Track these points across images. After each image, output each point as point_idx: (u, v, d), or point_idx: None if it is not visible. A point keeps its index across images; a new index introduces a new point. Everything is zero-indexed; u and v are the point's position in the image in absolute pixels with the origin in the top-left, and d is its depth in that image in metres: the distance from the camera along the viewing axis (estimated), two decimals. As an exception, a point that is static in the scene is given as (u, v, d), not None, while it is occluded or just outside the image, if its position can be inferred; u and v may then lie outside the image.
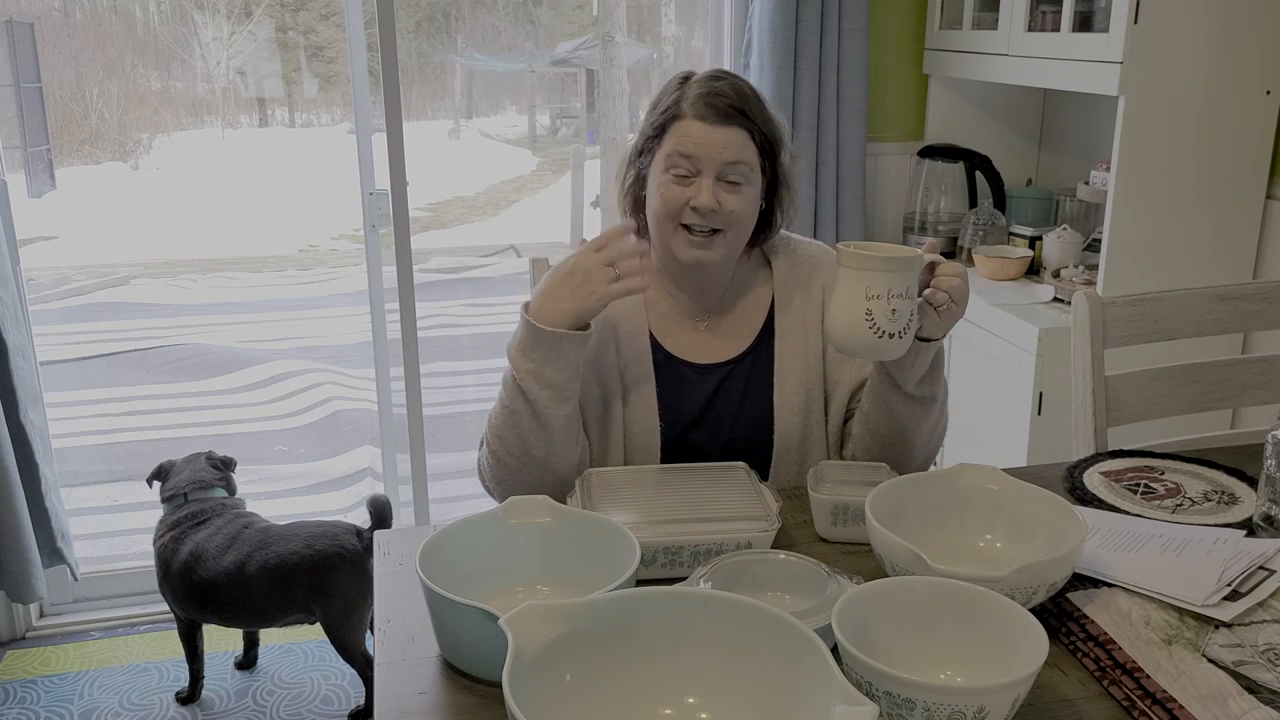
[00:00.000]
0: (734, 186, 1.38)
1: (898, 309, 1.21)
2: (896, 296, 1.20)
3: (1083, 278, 2.35)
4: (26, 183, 8.35)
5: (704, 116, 1.36)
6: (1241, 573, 1.13)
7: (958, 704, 0.84)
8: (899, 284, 1.20)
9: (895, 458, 1.43)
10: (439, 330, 6.08)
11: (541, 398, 1.32)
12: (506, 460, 1.37)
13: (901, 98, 2.87)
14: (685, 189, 1.37)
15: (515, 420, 1.35)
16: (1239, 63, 2.14)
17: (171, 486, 2.29)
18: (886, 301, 1.20)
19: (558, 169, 11.68)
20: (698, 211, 1.36)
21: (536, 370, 1.31)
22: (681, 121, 1.37)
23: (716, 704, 0.89)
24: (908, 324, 1.23)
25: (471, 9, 11.91)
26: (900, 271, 1.21)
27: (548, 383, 1.31)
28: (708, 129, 1.36)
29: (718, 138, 1.36)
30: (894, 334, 1.22)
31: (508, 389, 1.35)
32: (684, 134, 1.36)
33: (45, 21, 9.13)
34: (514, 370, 1.33)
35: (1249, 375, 1.80)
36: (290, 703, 2.37)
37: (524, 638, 0.83)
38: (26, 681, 2.45)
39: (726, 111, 1.37)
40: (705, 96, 1.37)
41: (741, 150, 1.37)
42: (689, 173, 1.37)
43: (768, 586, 1.10)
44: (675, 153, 1.36)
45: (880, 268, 1.20)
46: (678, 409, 1.47)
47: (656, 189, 1.39)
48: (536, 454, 1.36)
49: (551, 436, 1.35)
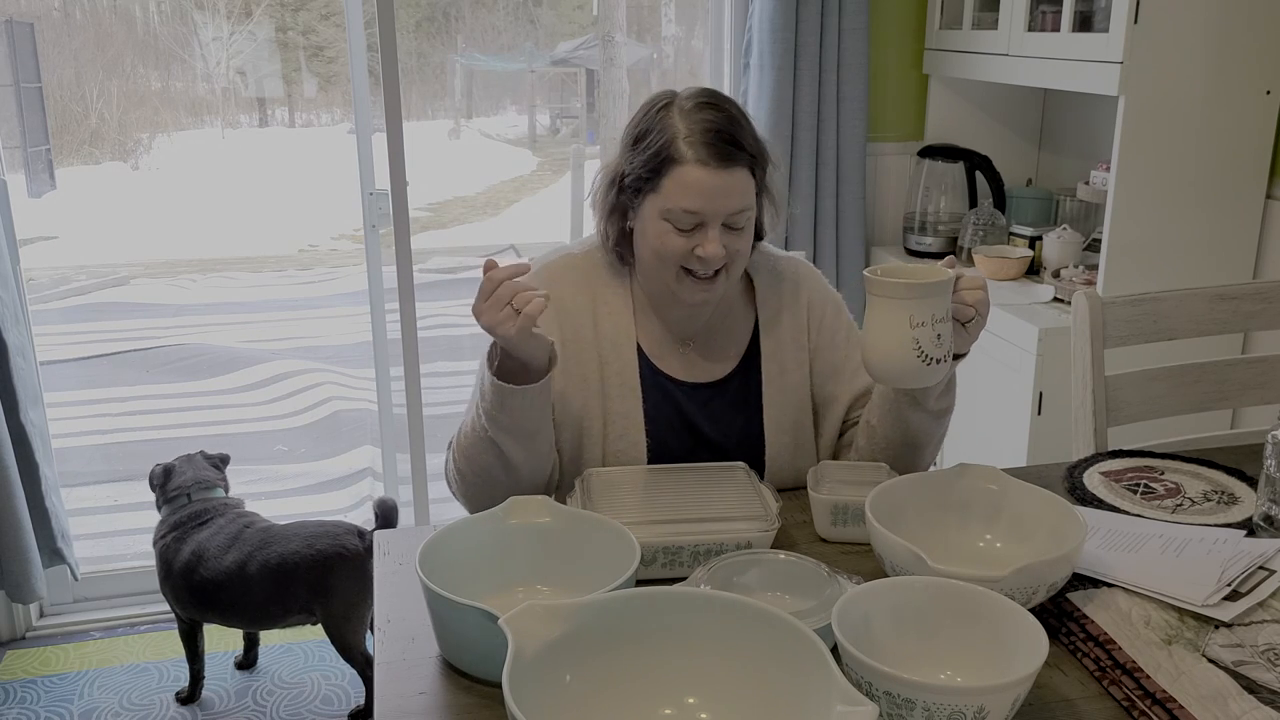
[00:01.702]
0: (737, 230, 1.33)
1: (942, 334, 1.17)
2: (940, 321, 1.17)
3: (1083, 278, 2.35)
4: (26, 183, 8.35)
5: (705, 161, 1.28)
6: (1241, 573, 1.13)
7: (957, 704, 0.84)
8: (940, 308, 1.17)
9: (901, 466, 1.42)
10: (439, 330, 6.07)
11: (502, 440, 1.30)
12: (471, 479, 1.36)
13: (901, 98, 2.87)
14: (688, 239, 1.32)
15: (480, 448, 1.33)
16: (1239, 63, 2.14)
17: (175, 487, 2.29)
18: (931, 328, 1.16)
19: (558, 169, 11.68)
20: (704, 261, 1.32)
21: (496, 416, 1.28)
22: (682, 168, 1.29)
23: (716, 704, 0.89)
24: (951, 346, 1.19)
25: (471, 9, 11.91)
26: (940, 296, 1.17)
27: (504, 428, 1.29)
28: (711, 175, 1.28)
29: (722, 185, 1.29)
30: (940, 359, 1.18)
31: (474, 421, 1.32)
32: (687, 185, 1.29)
33: (45, 21, 9.14)
34: (480, 409, 1.30)
35: (1249, 375, 1.80)
36: (290, 703, 2.37)
37: (524, 638, 0.83)
38: (26, 681, 2.45)
39: (727, 152, 1.29)
40: (704, 136, 1.29)
41: (744, 195, 1.32)
42: (692, 226, 1.31)
43: (768, 586, 1.10)
44: (679, 208, 1.30)
45: (921, 295, 1.15)
46: (664, 424, 1.44)
47: (656, 236, 1.33)
48: (500, 478, 1.34)
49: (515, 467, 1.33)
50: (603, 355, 1.42)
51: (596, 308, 1.43)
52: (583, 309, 1.42)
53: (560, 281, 1.42)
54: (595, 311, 1.42)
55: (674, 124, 1.31)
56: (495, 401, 1.27)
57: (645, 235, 1.35)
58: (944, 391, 1.36)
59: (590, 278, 1.44)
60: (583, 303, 1.42)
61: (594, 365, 1.41)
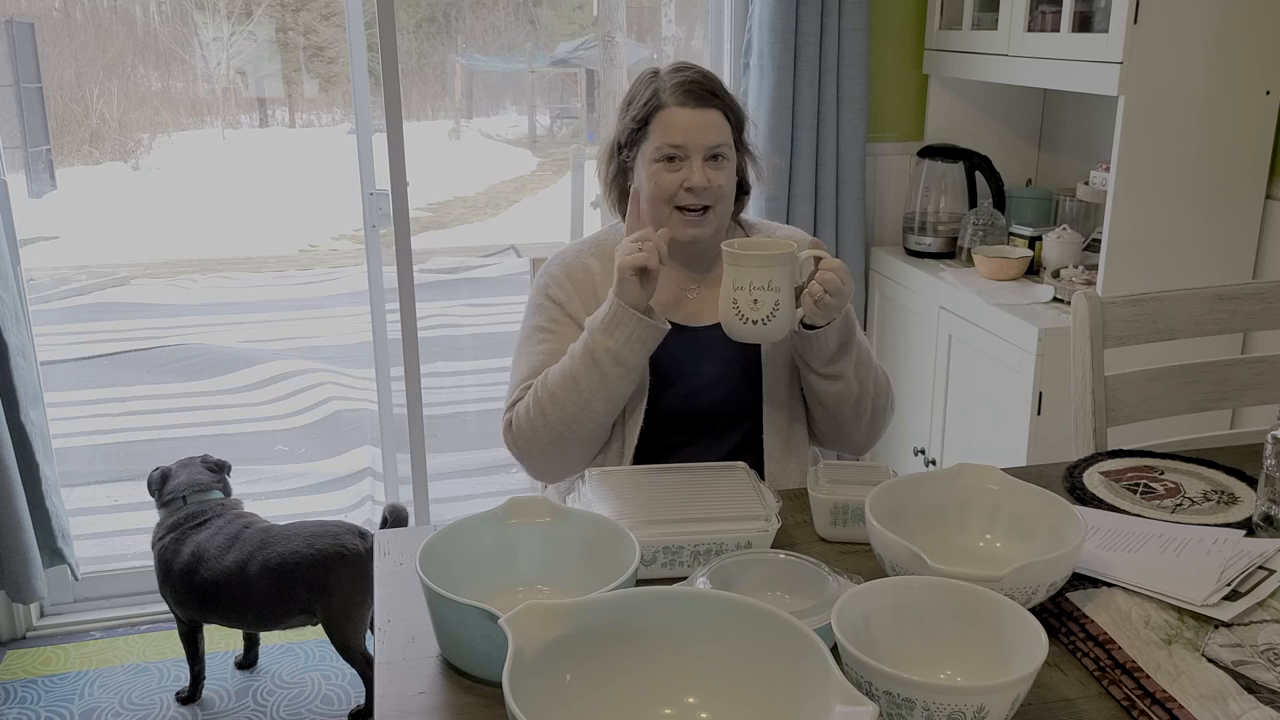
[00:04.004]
0: (718, 163, 1.52)
1: (759, 300, 1.36)
2: (758, 289, 1.35)
3: (1082, 278, 2.35)
4: (27, 183, 8.36)
5: (684, 103, 1.50)
6: (1241, 572, 1.13)
7: (957, 703, 0.84)
8: (760, 278, 1.36)
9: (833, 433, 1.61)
10: (439, 330, 6.08)
11: (613, 374, 1.45)
12: (556, 425, 1.49)
13: (901, 98, 2.87)
14: (677, 174, 1.50)
15: (578, 390, 1.46)
16: (1239, 63, 2.14)
17: (170, 490, 2.29)
18: (749, 293, 1.36)
19: (558, 169, 11.69)
20: (692, 191, 1.50)
21: (616, 349, 1.43)
22: (665, 111, 1.50)
23: (716, 704, 0.89)
24: (772, 313, 1.36)
25: (472, 9, 11.91)
26: (760, 268, 1.36)
27: (621, 360, 1.44)
28: (691, 113, 1.50)
29: (700, 121, 1.50)
30: (758, 321, 1.36)
31: (580, 361, 1.46)
32: (670, 123, 1.50)
33: (45, 22, 9.14)
34: (592, 346, 1.45)
35: (1248, 375, 1.80)
36: (290, 702, 2.38)
37: (524, 638, 0.83)
38: (27, 681, 2.45)
39: (703, 95, 1.51)
40: (682, 85, 1.51)
41: (721, 130, 1.52)
42: (678, 158, 1.50)
43: (768, 586, 1.10)
44: (665, 143, 1.50)
45: (740, 264, 1.37)
46: (667, 364, 1.56)
47: (650, 177, 1.52)
48: (586, 423, 1.48)
49: (610, 410, 1.48)
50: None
51: (605, 274, 1.59)
52: (594, 275, 1.61)
53: (568, 261, 1.64)
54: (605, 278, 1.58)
55: (657, 83, 1.54)
56: (626, 333, 1.43)
57: (642, 182, 1.54)
58: (833, 359, 1.49)
59: (600, 254, 1.63)
60: (594, 270, 1.61)
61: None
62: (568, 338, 1.54)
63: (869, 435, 1.61)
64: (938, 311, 2.56)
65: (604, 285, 1.56)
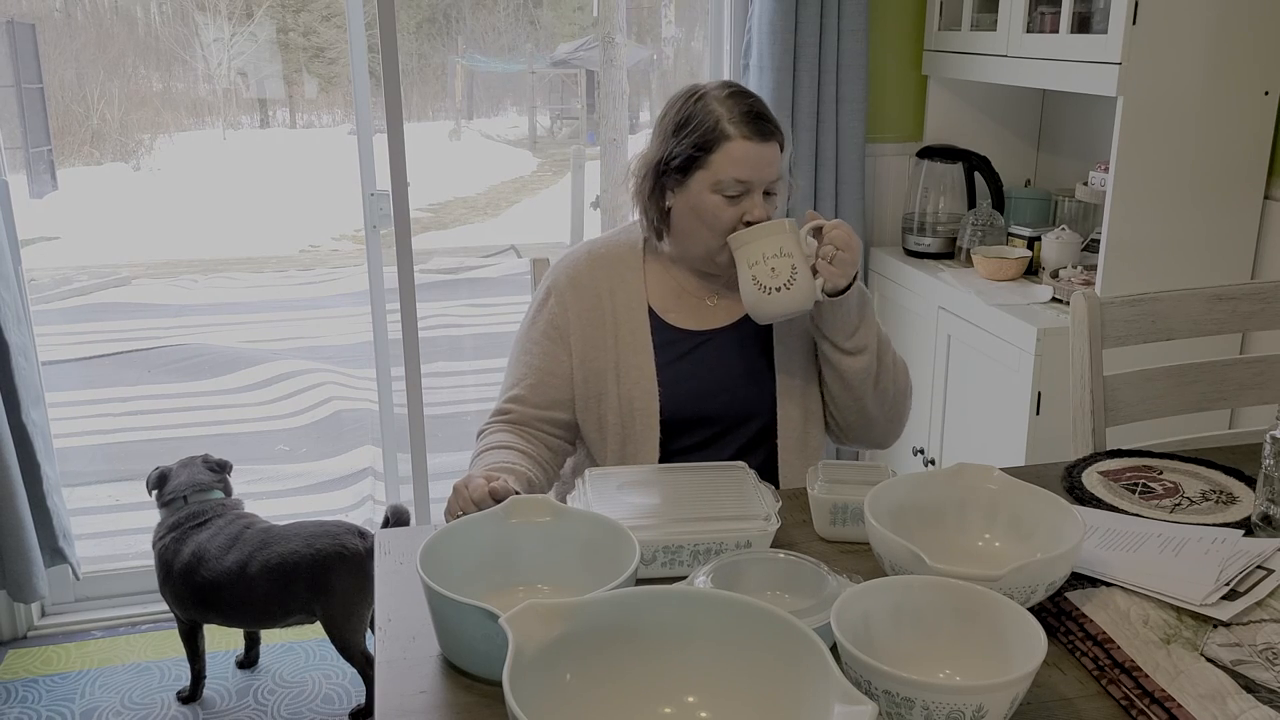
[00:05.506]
0: (773, 196, 1.53)
1: (776, 267, 1.41)
2: (771, 257, 1.41)
3: (1081, 278, 2.35)
4: (28, 183, 8.35)
5: (750, 136, 1.48)
6: (1240, 572, 1.13)
7: (956, 703, 0.84)
8: (770, 246, 1.41)
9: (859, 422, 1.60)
10: (440, 330, 6.08)
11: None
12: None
13: (900, 99, 2.88)
14: (738, 206, 1.50)
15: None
16: (1237, 63, 2.14)
17: (171, 490, 2.30)
18: (765, 264, 1.41)
19: (558, 170, 11.68)
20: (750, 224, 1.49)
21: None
22: (731, 143, 1.48)
23: (716, 704, 0.89)
24: (791, 277, 1.41)
25: (472, 10, 11.92)
26: (767, 236, 1.41)
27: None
28: (755, 148, 1.48)
29: (766, 155, 1.50)
30: (779, 287, 1.41)
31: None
32: (737, 157, 1.48)
33: (46, 22, 9.14)
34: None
35: (1247, 375, 1.80)
36: (291, 702, 2.38)
37: (524, 637, 0.83)
38: (28, 681, 2.46)
39: (765, 128, 1.50)
40: (746, 116, 1.49)
41: (780, 164, 1.53)
42: (740, 193, 1.49)
43: (768, 586, 1.10)
44: (732, 178, 1.48)
45: (747, 240, 1.43)
46: (676, 369, 1.57)
47: (709, 209, 1.50)
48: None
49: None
50: (617, 320, 1.59)
51: (613, 283, 1.61)
52: (600, 285, 1.61)
53: (576, 267, 1.63)
54: (611, 286, 1.61)
55: (715, 109, 1.50)
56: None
57: (693, 208, 1.52)
58: (858, 331, 1.51)
59: (610, 260, 1.63)
60: (600, 279, 1.61)
61: (609, 329, 1.59)
62: (558, 359, 1.57)
63: (891, 421, 1.62)
64: (937, 312, 2.57)
65: (607, 296, 1.58)
